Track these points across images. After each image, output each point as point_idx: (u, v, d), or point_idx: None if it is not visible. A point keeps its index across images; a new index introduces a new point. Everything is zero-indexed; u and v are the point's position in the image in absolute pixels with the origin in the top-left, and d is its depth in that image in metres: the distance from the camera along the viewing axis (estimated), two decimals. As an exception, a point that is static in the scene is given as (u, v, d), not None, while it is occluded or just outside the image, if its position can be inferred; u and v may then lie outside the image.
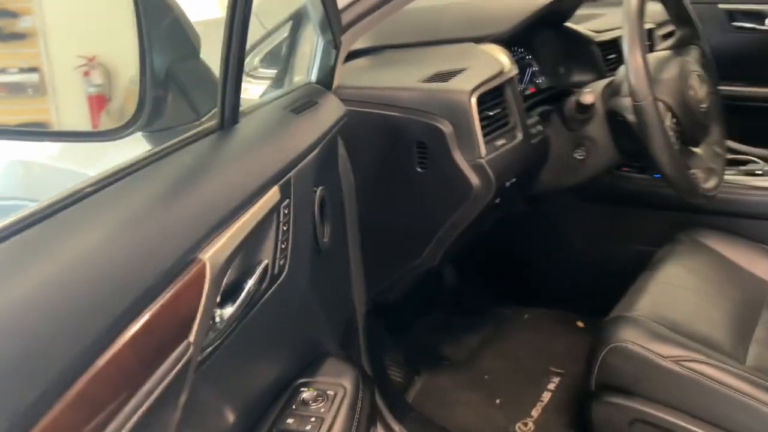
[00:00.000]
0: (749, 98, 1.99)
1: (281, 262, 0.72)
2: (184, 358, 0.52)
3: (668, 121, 1.08)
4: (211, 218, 0.58)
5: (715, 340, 1.11)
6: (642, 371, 1.05)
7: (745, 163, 1.49)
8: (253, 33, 0.73)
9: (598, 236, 1.60)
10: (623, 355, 1.07)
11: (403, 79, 1.06)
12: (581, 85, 1.38)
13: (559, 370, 1.54)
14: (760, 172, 1.41)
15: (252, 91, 1.16)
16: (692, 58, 1.19)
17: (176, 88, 0.76)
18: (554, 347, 1.63)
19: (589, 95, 1.08)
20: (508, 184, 1.06)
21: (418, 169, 1.03)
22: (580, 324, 1.69)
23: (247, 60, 0.75)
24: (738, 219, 1.42)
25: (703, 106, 1.14)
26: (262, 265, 0.68)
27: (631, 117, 1.09)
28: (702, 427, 1.01)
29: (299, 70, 1.07)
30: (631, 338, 1.08)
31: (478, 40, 1.14)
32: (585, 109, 1.15)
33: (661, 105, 1.04)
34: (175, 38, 0.77)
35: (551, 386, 1.50)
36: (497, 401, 1.46)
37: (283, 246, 0.71)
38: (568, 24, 1.41)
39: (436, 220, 1.06)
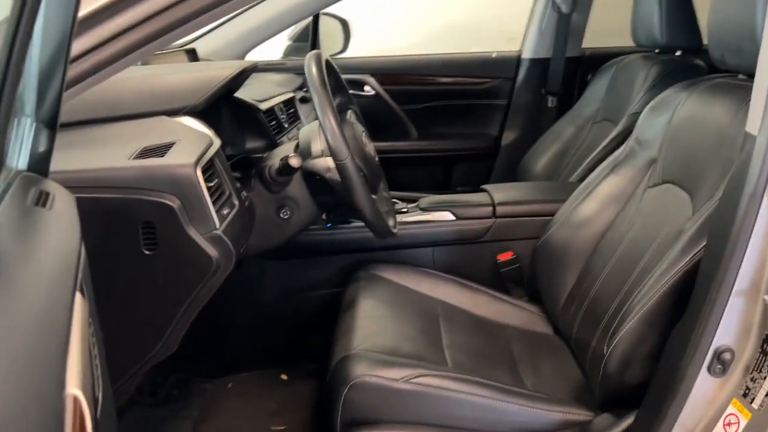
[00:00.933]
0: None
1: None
2: None
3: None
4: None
5: (422, 354, 1.31)
6: (382, 399, 1.17)
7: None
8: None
9: (289, 289, 1.70)
10: (362, 389, 1.17)
11: (110, 157, 0.97)
12: (256, 151, 1.47)
13: (281, 428, 1.57)
14: (405, 210, 1.71)
15: None
16: (355, 120, 1.40)
17: None
18: (267, 406, 1.65)
19: (295, 159, 1.17)
20: (241, 250, 1.06)
21: (147, 252, 0.96)
22: (284, 377, 1.75)
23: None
24: (399, 251, 1.69)
25: (376, 159, 1.35)
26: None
27: (329, 175, 1.22)
28: (440, 432, 1.18)
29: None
30: (364, 372, 1.18)
31: (172, 113, 1.13)
32: (287, 172, 1.23)
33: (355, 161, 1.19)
34: None
35: (280, 445, 1.52)
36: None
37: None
38: (236, 94, 1.49)
39: (176, 302, 0.99)
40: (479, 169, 2.50)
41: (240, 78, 1.32)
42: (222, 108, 1.42)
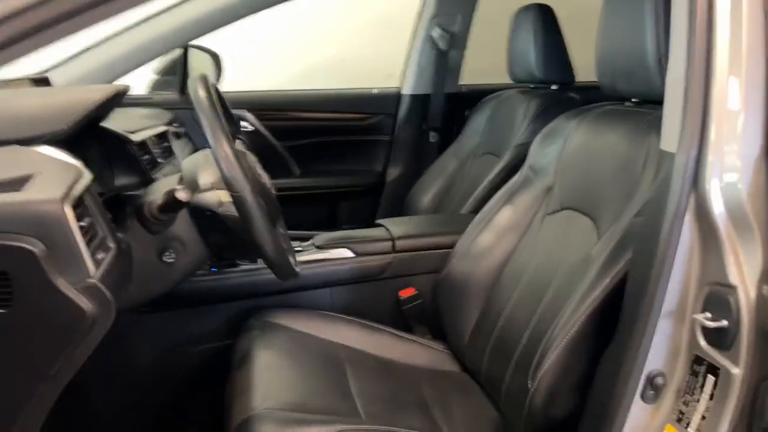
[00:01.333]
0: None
1: None
2: None
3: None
4: None
5: (334, 407, 1.17)
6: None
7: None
8: None
9: (168, 346, 1.50)
10: (271, 454, 1.02)
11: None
12: (128, 188, 1.28)
13: None
14: (300, 249, 1.58)
15: None
16: (247, 150, 1.26)
17: None
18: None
19: (183, 192, 1.01)
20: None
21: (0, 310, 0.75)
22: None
23: None
24: (293, 294, 1.55)
25: (273, 191, 1.21)
26: None
27: (222, 209, 1.07)
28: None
29: None
30: (272, 435, 1.03)
31: (26, 141, 0.93)
32: (172, 208, 1.06)
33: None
34: None
35: None
36: None
37: None
38: (103, 124, 1.29)
39: (37, 372, 0.79)
40: (365, 206, 2.43)
41: (111, 103, 1.14)
42: (86, 139, 1.22)
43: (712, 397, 0.90)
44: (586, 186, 1.33)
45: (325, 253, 1.56)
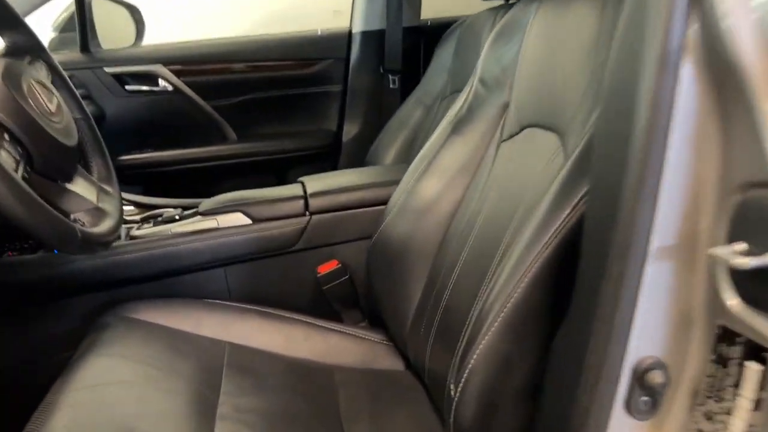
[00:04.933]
0: (162, 163, 1.85)
1: None
2: None
3: (5, 149, 0.71)
4: None
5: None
6: None
7: (161, 214, 1.25)
8: None
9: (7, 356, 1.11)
10: None
11: None
12: None
13: None
14: (177, 218, 1.19)
15: None
16: (34, 69, 0.86)
17: None
18: None
19: None
20: None
21: None
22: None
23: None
24: (174, 279, 1.15)
25: (57, 120, 0.81)
26: None
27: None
28: None
29: None
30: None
31: None
32: None
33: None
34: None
35: None
36: None
37: None
38: None
39: None
40: (319, 172, 2.01)
41: None
42: None
43: (758, 404, 0.47)
44: (549, 89, 0.90)
45: (210, 221, 1.15)
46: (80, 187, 0.85)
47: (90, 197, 0.85)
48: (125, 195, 1.33)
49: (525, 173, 0.90)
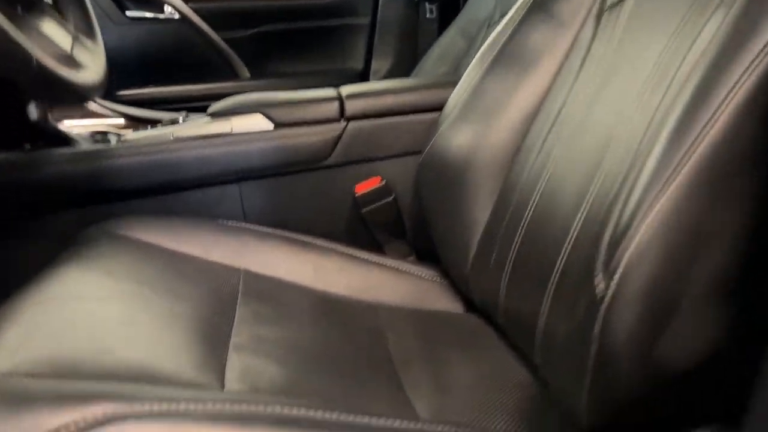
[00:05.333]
0: (165, 100, 1.64)
1: None
2: None
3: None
4: None
5: (150, 368, 0.54)
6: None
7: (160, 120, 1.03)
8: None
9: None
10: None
11: None
12: None
13: None
14: (182, 120, 0.96)
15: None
16: None
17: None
18: None
19: None
20: None
21: None
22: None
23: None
24: (176, 194, 0.93)
25: None
26: None
27: None
28: None
29: None
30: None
31: None
32: None
33: None
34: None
35: None
36: None
37: None
38: None
39: None
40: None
41: None
42: None
43: None
44: None
45: (225, 123, 0.92)
46: (49, 27, 0.62)
47: (61, 43, 0.62)
48: (115, 106, 1.11)
49: (645, 42, 0.66)
